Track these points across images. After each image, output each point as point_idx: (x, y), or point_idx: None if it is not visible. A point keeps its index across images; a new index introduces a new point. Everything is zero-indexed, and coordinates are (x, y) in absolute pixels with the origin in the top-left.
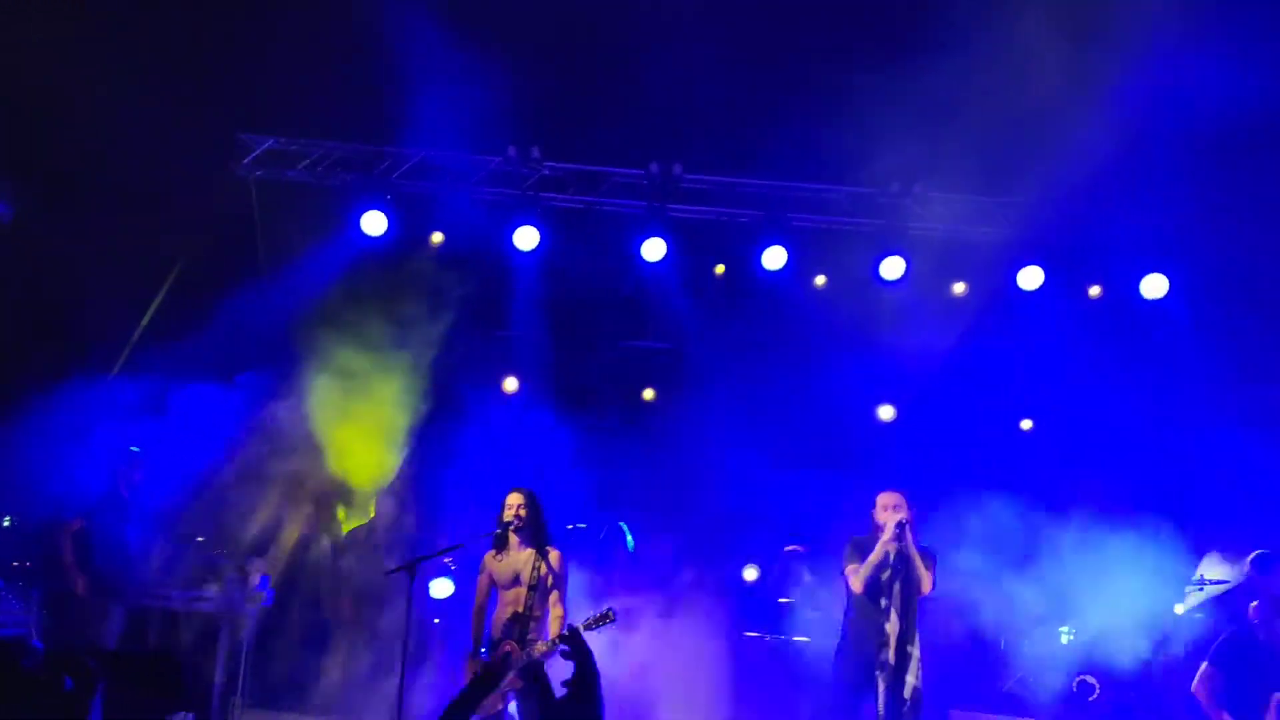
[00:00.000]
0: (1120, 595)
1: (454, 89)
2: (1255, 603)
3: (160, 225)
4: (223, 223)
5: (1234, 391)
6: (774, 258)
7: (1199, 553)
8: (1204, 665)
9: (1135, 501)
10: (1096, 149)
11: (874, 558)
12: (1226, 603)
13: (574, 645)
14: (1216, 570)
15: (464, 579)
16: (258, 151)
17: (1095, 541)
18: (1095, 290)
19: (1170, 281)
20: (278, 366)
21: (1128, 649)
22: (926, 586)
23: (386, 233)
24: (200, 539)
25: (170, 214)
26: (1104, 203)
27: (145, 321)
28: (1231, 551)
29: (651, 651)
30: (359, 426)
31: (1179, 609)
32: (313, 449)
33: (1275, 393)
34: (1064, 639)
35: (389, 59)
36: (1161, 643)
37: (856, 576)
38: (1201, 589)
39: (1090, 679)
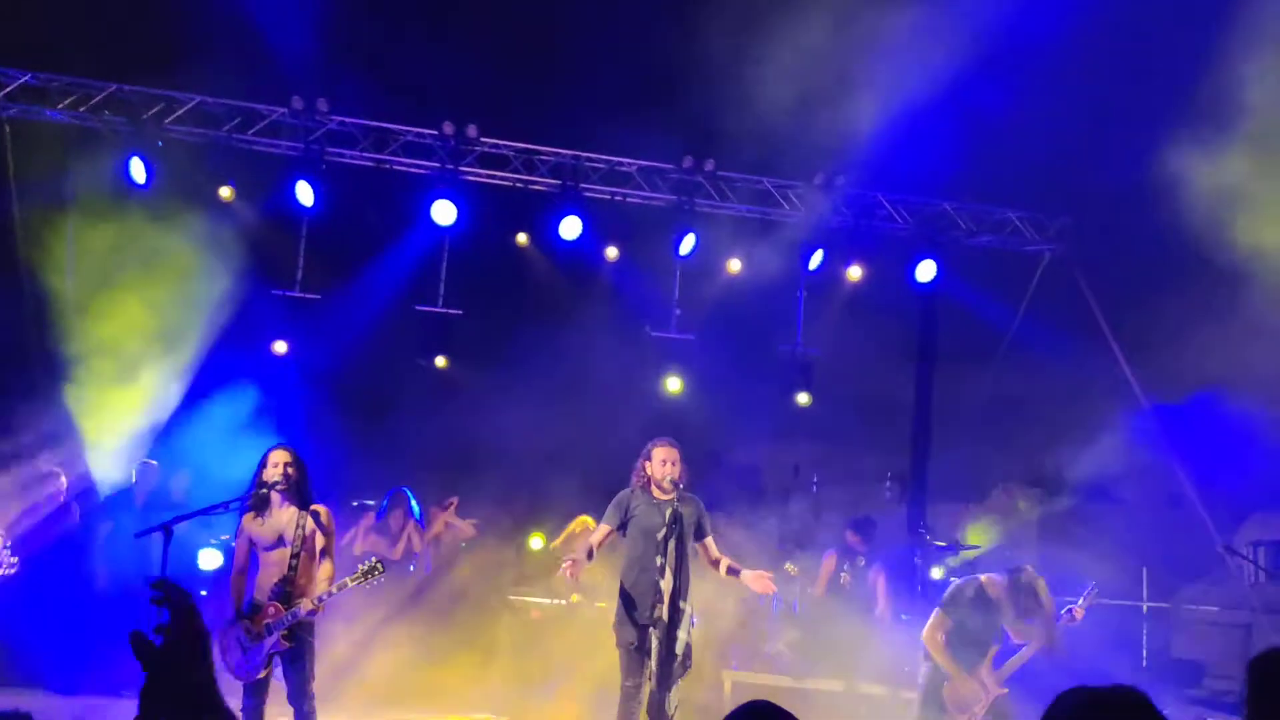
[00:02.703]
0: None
1: (234, 30)
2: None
3: None
4: None
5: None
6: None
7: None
8: (935, 612)
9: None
10: (875, 141)
11: (596, 538)
12: (975, 565)
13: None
14: (977, 537)
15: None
16: (11, 87)
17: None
18: (858, 272)
19: (939, 267)
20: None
21: None
22: (714, 553)
23: (156, 183)
24: None
25: None
26: (879, 190)
27: None
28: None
29: (435, 618)
30: (115, 385)
31: (937, 572)
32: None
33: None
34: None
35: None
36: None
37: (594, 533)
38: (957, 554)
39: None
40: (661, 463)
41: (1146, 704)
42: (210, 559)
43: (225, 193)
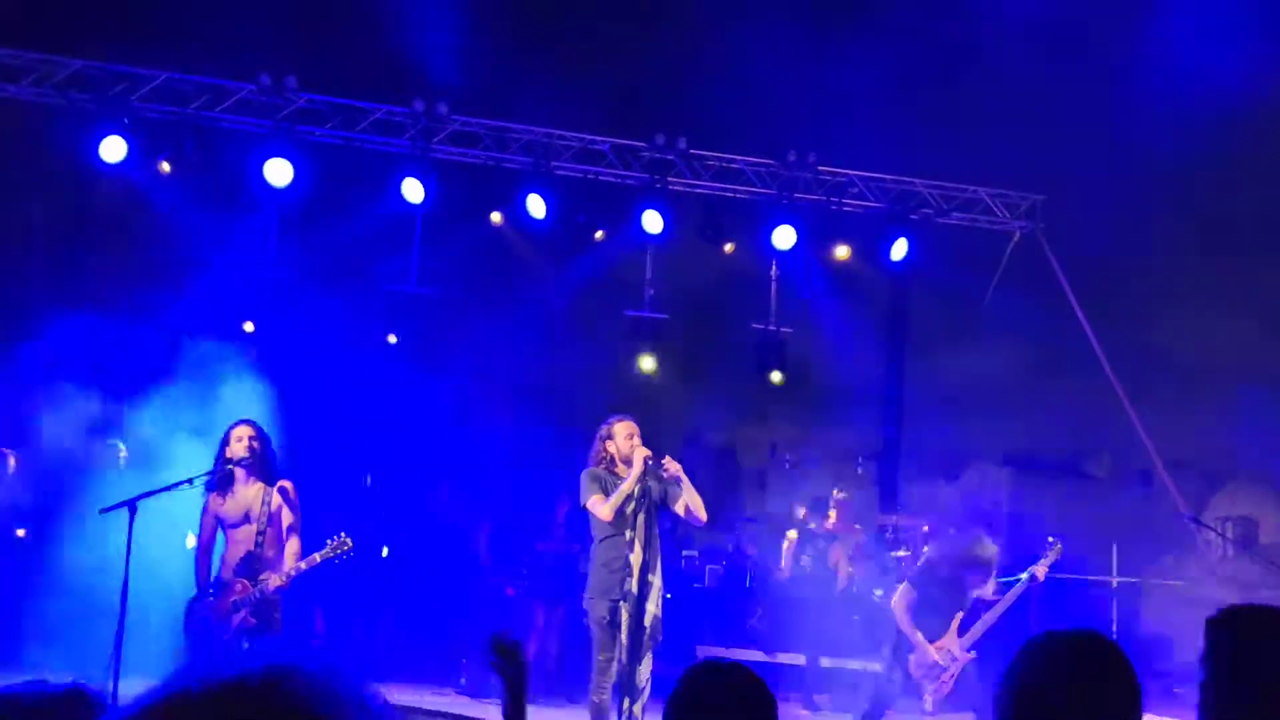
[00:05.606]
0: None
1: (204, 4)
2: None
3: None
4: None
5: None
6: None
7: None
8: (903, 584)
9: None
10: (848, 119)
11: (626, 488)
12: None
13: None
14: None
15: None
16: None
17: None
18: (831, 251)
19: (911, 245)
20: None
21: None
22: (703, 514)
23: (125, 161)
24: None
25: None
26: (851, 168)
27: None
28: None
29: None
30: None
31: (904, 551)
32: None
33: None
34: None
35: None
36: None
37: (607, 506)
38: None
39: None
40: (627, 437)
41: (1117, 648)
42: (192, 541)
43: (164, 167)
